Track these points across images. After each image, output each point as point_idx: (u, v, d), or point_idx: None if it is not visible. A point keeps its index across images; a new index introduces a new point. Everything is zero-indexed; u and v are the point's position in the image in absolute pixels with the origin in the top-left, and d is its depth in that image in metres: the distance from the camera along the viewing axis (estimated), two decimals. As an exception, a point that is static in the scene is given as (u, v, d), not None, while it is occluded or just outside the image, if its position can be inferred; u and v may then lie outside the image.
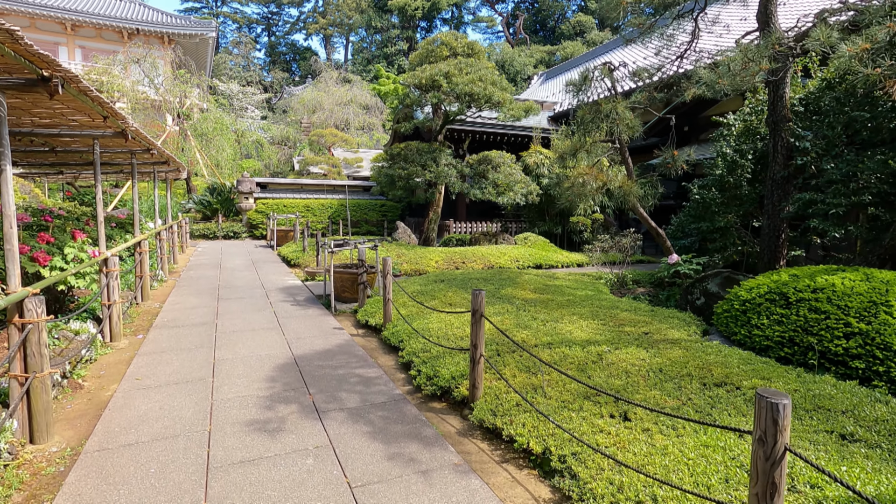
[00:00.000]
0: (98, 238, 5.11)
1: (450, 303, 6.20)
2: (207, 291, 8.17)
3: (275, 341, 5.43)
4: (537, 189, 12.62)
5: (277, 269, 10.96)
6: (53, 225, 6.93)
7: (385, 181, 12.20)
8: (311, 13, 58.78)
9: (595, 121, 6.04)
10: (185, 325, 6.06)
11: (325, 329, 6.01)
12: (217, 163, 22.97)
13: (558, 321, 5.20)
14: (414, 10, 49.94)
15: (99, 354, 4.92)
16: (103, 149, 6.83)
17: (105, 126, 5.01)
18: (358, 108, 33.00)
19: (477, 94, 10.68)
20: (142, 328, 5.98)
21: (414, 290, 7.05)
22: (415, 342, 4.90)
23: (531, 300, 6.20)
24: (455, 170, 11.77)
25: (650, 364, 3.92)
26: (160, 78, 21.96)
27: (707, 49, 8.25)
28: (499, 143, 16.75)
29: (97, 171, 5.08)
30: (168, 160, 8.78)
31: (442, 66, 11.04)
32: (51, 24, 29.23)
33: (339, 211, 19.44)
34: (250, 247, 15.47)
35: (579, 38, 48.12)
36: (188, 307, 7.01)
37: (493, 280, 7.48)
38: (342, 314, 6.93)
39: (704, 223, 7.57)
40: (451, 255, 11.09)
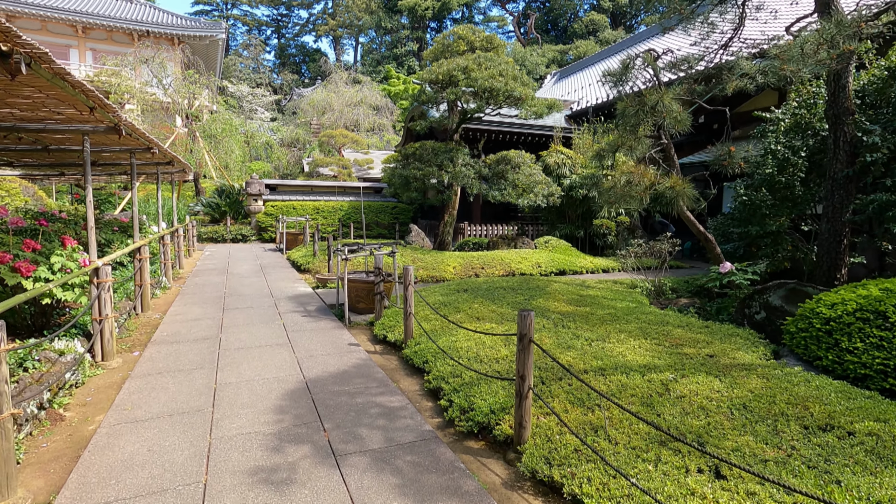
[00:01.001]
0: (89, 245, 4.58)
1: (477, 316, 5.59)
2: (212, 300, 7.64)
3: (284, 360, 4.85)
4: (559, 190, 11.98)
5: (287, 274, 10.42)
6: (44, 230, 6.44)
7: (399, 182, 11.62)
8: (321, 15, 58.61)
9: (639, 114, 5.41)
10: (187, 340, 5.51)
11: (340, 345, 5.43)
12: (226, 164, 22.59)
13: (605, 340, 4.57)
14: (424, 11, 49.49)
15: (87, 377, 4.38)
16: (99, 147, 6.32)
17: (96, 120, 4.48)
18: (368, 109, 32.56)
19: (497, 90, 10.07)
20: (139, 343, 5.44)
21: (435, 300, 6.45)
22: (442, 364, 4.30)
23: (568, 314, 5.57)
24: (473, 170, 11.17)
25: (730, 398, 3.28)
26: (169, 79, 21.63)
27: (752, 38, 7.58)
28: (514, 142, 16.12)
29: (87, 169, 4.55)
30: (172, 160, 8.28)
31: (459, 61, 10.45)
32: (62, 27, 29.13)
33: (350, 213, 18.92)
34: (259, 251, 14.98)
35: (592, 36, 47.33)
36: (191, 319, 6.47)
37: (520, 290, 6.86)
38: (357, 327, 6.35)
39: (753, 227, 6.89)
40: (469, 261, 10.49)
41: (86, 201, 4.57)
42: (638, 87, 6.23)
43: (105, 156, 7.40)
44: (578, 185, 12.64)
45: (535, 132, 15.96)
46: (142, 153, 6.68)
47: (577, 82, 25.55)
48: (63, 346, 4.23)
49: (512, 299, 6.27)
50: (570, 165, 13.06)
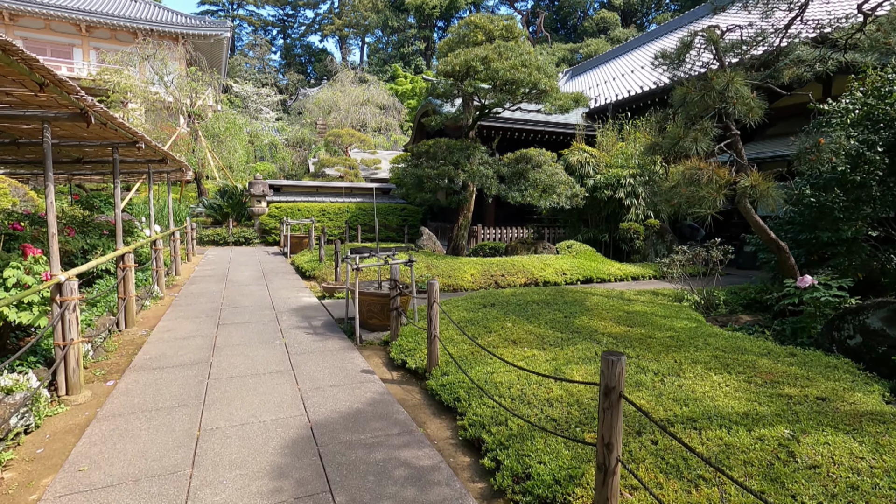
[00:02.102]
0: (51, 255, 3.78)
1: (512, 338, 4.75)
2: (207, 313, 6.84)
3: (284, 395, 4.03)
4: (583, 191, 11.12)
5: (291, 282, 9.62)
6: (19, 235, 5.67)
7: (411, 183, 10.81)
8: (327, 14, 58.04)
9: (704, 100, 4.57)
10: (172, 365, 4.70)
11: (351, 372, 4.60)
12: (229, 164, 21.88)
13: (679, 374, 3.71)
14: (431, 10, 48.79)
15: (45, 416, 3.58)
16: (77, 140, 5.54)
17: (58, 104, 3.68)
18: (375, 109, 31.83)
19: (520, 81, 9.24)
20: (116, 369, 4.64)
21: (460, 317, 5.61)
22: (479, 404, 3.47)
23: (620, 336, 4.72)
24: (492, 169, 10.33)
25: (884, 469, 2.42)
26: (171, 76, 20.95)
27: (815, 18, 6.70)
28: (530, 141, 15.28)
29: (47, 164, 3.76)
30: (165, 158, 7.50)
31: (478, 51, 9.62)
32: (65, 26, 28.59)
33: (357, 215, 18.13)
34: (262, 255, 14.21)
35: (602, 35, 46.40)
36: (180, 336, 5.67)
37: (556, 304, 6.01)
38: (369, 347, 5.53)
39: (823, 232, 6.00)
40: (487, 268, 9.65)
41: (46, 202, 3.77)
42: (695, 70, 5.38)
43: (87, 151, 6.63)
44: (603, 185, 11.78)
45: (553, 130, 15.12)
46: (127, 148, 5.90)
47: (591, 80, 24.65)
48: (11, 382, 3.43)
49: (549, 317, 5.42)
50: (593, 164, 12.19)
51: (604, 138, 13.11)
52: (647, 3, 51.76)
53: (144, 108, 21.90)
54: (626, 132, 12.99)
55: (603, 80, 22.11)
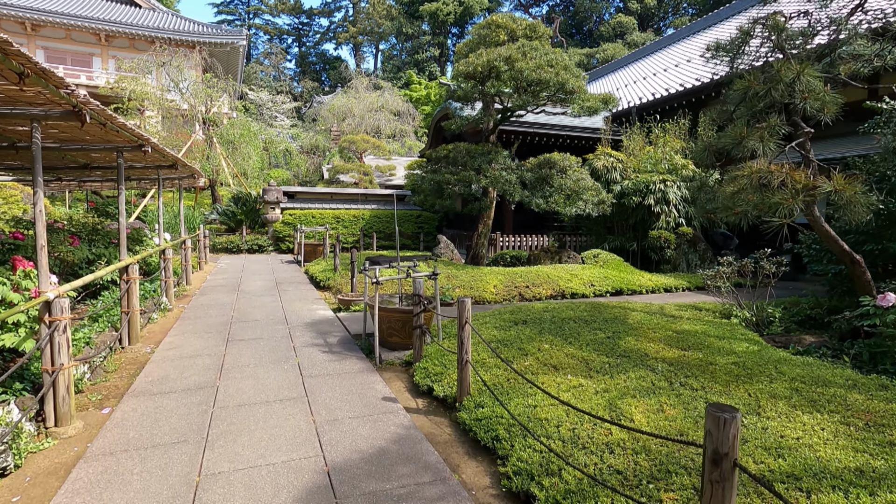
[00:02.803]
0: (39, 270, 3.37)
1: (552, 363, 4.22)
2: (217, 328, 6.43)
3: (298, 429, 3.55)
4: (610, 197, 10.55)
5: (304, 293, 9.20)
6: (20, 245, 5.32)
7: (430, 189, 10.35)
8: (342, 22, 58.42)
9: (769, 95, 4.03)
10: (175, 389, 4.26)
11: (371, 400, 4.11)
12: (243, 171, 21.71)
13: (758, 413, 3.16)
14: (446, 16, 48.68)
15: (28, 453, 3.15)
16: (78, 144, 5.17)
17: (49, 100, 3.28)
18: (389, 115, 31.59)
19: (546, 82, 8.75)
20: (114, 394, 4.21)
21: (489, 336, 5.10)
22: (523, 447, 2.95)
23: (675, 361, 4.16)
24: (514, 174, 9.83)
25: None
26: (186, 83, 20.89)
27: (878, 9, 6.11)
28: (551, 146, 14.75)
29: (36, 168, 3.35)
30: (175, 163, 7.15)
31: (501, 51, 9.17)
32: (86, 36, 28.92)
33: (372, 222, 17.75)
34: (275, 263, 13.86)
35: (619, 39, 45.78)
36: (186, 355, 5.24)
37: (595, 322, 5.46)
38: (390, 368, 5.04)
39: (892, 243, 5.37)
40: (511, 278, 9.12)
41: (34, 211, 3.36)
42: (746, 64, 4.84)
43: (94, 156, 6.29)
44: (631, 191, 11.20)
45: (576, 134, 14.58)
46: (133, 152, 5.53)
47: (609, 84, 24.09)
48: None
49: (590, 337, 4.88)
50: (620, 170, 11.63)
51: (630, 142, 12.53)
52: (665, 8, 51.08)
53: (161, 115, 21.90)
54: (654, 136, 12.41)
55: (623, 84, 21.55)
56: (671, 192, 10.99)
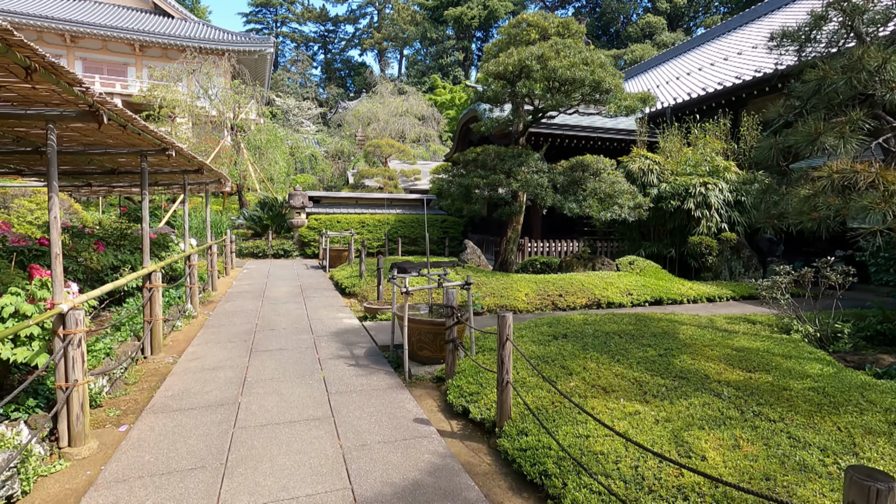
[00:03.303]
0: (53, 280, 3.17)
1: (601, 384, 3.82)
2: (240, 337, 6.23)
3: (324, 454, 3.25)
4: (647, 201, 10.02)
5: (329, 300, 8.98)
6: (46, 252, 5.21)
7: (458, 193, 10.03)
8: (367, 29, 58.93)
9: (849, 85, 3.56)
10: (195, 406, 4.02)
11: (402, 421, 3.79)
12: (270, 176, 21.85)
13: (857, 454, 2.69)
14: (470, 20, 48.53)
15: (38, 476, 2.93)
16: (101, 148, 5.04)
17: (64, 100, 3.09)
18: (413, 119, 31.49)
19: (581, 81, 8.34)
20: (133, 409, 4.00)
21: (528, 351, 4.72)
22: (578, 486, 2.57)
23: (742, 385, 3.70)
24: (546, 177, 9.42)
25: None
26: (215, 90, 21.18)
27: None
28: (581, 148, 14.24)
29: (51, 172, 3.16)
30: (201, 168, 7.01)
31: (533, 50, 8.80)
32: (121, 46, 29.76)
33: (397, 227, 17.54)
34: (300, 268, 13.75)
35: (648, 40, 44.73)
36: (209, 366, 5.03)
37: (641, 336, 5.02)
38: (420, 384, 4.72)
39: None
40: (543, 286, 8.70)
41: (50, 217, 3.16)
42: (820, 52, 4.35)
43: (120, 160, 6.18)
44: (669, 195, 10.64)
45: (608, 136, 14.05)
46: (157, 156, 5.37)
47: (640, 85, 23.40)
48: (5, 430, 2.79)
49: (639, 354, 4.45)
50: (657, 172, 11.08)
51: (667, 144, 11.96)
52: (695, 7, 49.77)
53: (191, 122, 22.27)
54: (692, 137, 11.81)
55: (654, 85, 20.86)
56: (713, 195, 10.38)
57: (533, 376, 4.08)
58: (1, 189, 10.35)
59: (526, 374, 4.13)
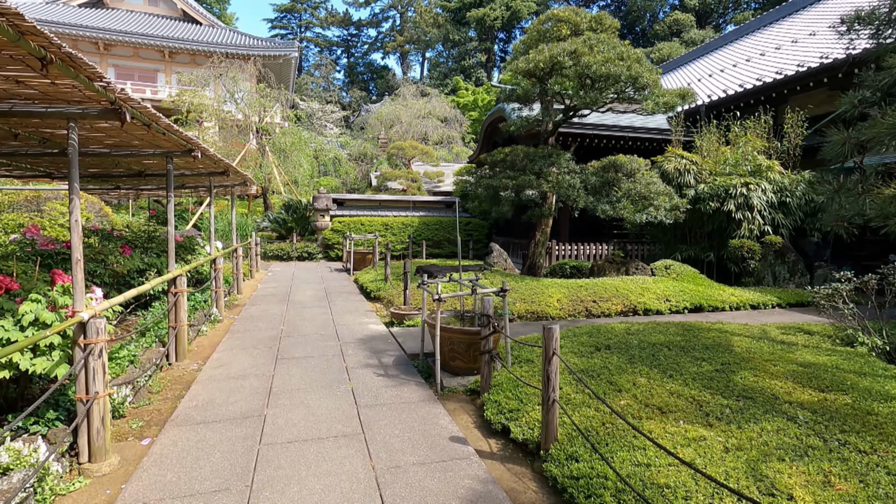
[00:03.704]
0: (74, 287, 3.01)
1: (655, 404, 3.47)
2: (265, 343, 6.06)
3: (355, 477, 3.00)
4: (684, 203, 9.55)
5: (355, 304, 8.79)
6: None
7: (485, 195, 9.73)
8: (389, 32, 59.19)
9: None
10: (220, 417, 3.84)
11: (436, 440, 3.52)
12: (294, 179, 21.96)
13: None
14: (493, 21, 48.23)
15: (56, 495, 2.76)
16: (127, 150, 4.93)
17: (85, 96, 2.93)
18: (436, 121, 31.35)
19: (617, 76, 7.96)
20: (156, 419, 3.84)
21: (571, 364, 4.40)
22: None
23: (816, 407, 3.31)
24: (579, 178, 9.05)
25: None
26: (241, 94, 21.41)
27: None
28: (612, 148, 13.79)
29: (72, 174, 3.01)
30: (227, 170, 6.91)
31: (565, 45, 8.46)
32: (151, 53, 30.46)
33: (420, 229, 17.34)
34: (324, 271, 13.66)
35: (675, 38, 43.64)
36: (234, 374, 4.86)
37: (692, 348, 4.64)
38: (453, 396, 4.44)
39: None
40: (575, 291, 8.33)
41: (70, 220, 3.01)
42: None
43: (147, 163, 6.11)
44: (708, 196, 10.13)
45: (640, 135, 13.56)
46: (183, 158, 5.25)
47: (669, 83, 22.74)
48: (10, 457, 2.63)
49: (693, 369, 4.08)
50: (695, 172, 10.57)
51: (704, 142, 11.43)
52: (725, 3, 48.38)
53: (218, 126, 22.58)
54: (732, 135, 11.26)
55: (685, 83, 20.20)
56: (755, 196, 9.84)
57: (578, 392, 3.76)
58: (34, 192, 10.52)
59: (570, 389, 3.81)
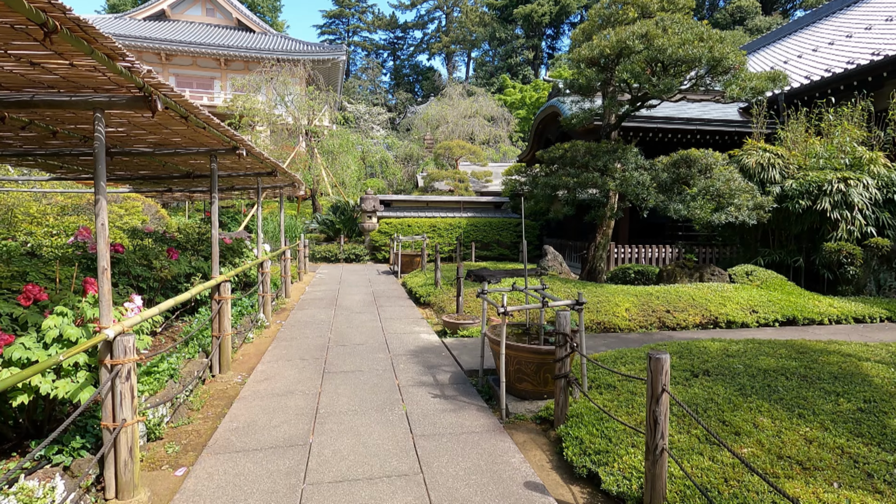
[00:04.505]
0: (100, 300, 2.64)
1: (791, 455, 2.73)
2: (313, 353, 5.68)
3: (415, 534, 2.47)
4: (770, 201, 8.48)
5: (404, 310, 8.34)
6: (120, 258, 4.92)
7: (543, 195, 9.04)
8: (435, 33, 59.10)
9: None
10: (261, 445, 3.42)
11: (509, 486, 2.93)
12: (342, 181, 21.99)
13: None
14: (540, 17, 47.05)
15: (76, 542, 2.39)
16: (172, 147, 4.66)
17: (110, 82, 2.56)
18: (483, 121, 30.75)
19: (697, 59, 7.09)
20: (194, 443, 3.47)
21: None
22: None
23: None
24: (648, 175, 8.20)
25: None
26: (290, 97, 21.67)
27: None
28: (675, 143, 12.70)
29: (98, 171, 2.65)
30: (274, 170, 6.61)
31: (635, 28, 7.66)
32: (208, 61, 31.62)
33: (469, 231, 16.77)
34: (372, 273, 13.36)
35: (739, 26, 40.88)
36: (278, 391, 4.47)
37: (819, 377, 3.80)
38: (521, 424, 3.84)
39: None
40: (645, 300, 7.50)
41: (96, 224, 2.64)
42: None
43: (193, 163, 5.89)
44: (797, 193, 8.98)
45: (711, 128, 12.40)
46: (227, 157, 4.94)
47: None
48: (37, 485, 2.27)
49: (827, 406, 3.28)
50: (780, 167, 9.42)
51: (789, 133, 10.21)
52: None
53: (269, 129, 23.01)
54: (825, 124, 9.99)
55: (756, 71, 18.51)
56: (855, 193, 8.61)
57: (681, 432, 3.06)
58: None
59: (671, 428, 3.12)
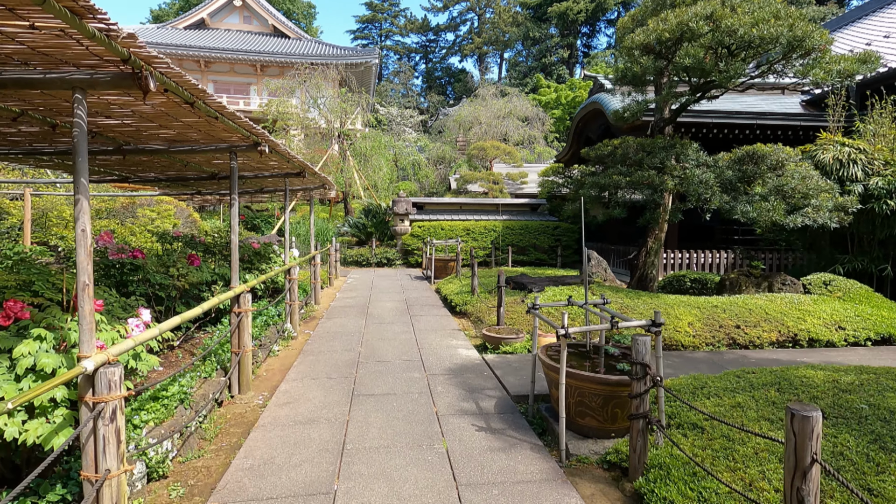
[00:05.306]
0: (80, 323, 2.15)
1: None
2: (341, 370, 5.16)
3: None
4: (853, 201, 7.46)
5: (439, 320, 7.76)
6: (139, 265, 4.54)
7: (590, 197, 8.27)
8: (467, 35, 58.59)
9: None
10: (276, 493, 2.87)
11: (584, 566, 2.27)
12: (374, 183, 21.68)
13: None
14: (576, 15, 45.83)
15: None
16: (189, 145, 4.22)
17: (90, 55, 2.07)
18: (517, 121, 29.96)
19: (774, 39, 6.21)
20: (201, 486, 2.97)
21: (757, 444, 2.95)
22: None
23: None
24: (712, 173, 7.33)
25: None
26: (323, 99, 21.56)
27: None
28: (731, 140, 11.64)
29: (78, 165, 2.17)
30: (302, 170, 6.15)
31: (697, 9, 6.83)
32: (245, 68, 32.11)
33: (505, 234, 16.07)
34: (404, 279, 12.85)
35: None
36: (301, 418, 3.94)
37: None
38: (585, 470, 3.17)
39: None
40: (710, 313, 6.66)
41: (76, 230, 2.16)
42: None
43: (216, 162, 5.48)
44: (884, 192, 7.90)
45: (778, 122, 11.30)
46: (249, 153, 4.48)
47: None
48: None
49: None
50: (863, 163, 8.34)
51: (873, 125, 9.09)
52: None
53: (303, 133, 23.02)
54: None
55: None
56: (957, 191, 7.47)
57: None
58: (129, 199, 10.72)
59: (770, 490, 2.38)
